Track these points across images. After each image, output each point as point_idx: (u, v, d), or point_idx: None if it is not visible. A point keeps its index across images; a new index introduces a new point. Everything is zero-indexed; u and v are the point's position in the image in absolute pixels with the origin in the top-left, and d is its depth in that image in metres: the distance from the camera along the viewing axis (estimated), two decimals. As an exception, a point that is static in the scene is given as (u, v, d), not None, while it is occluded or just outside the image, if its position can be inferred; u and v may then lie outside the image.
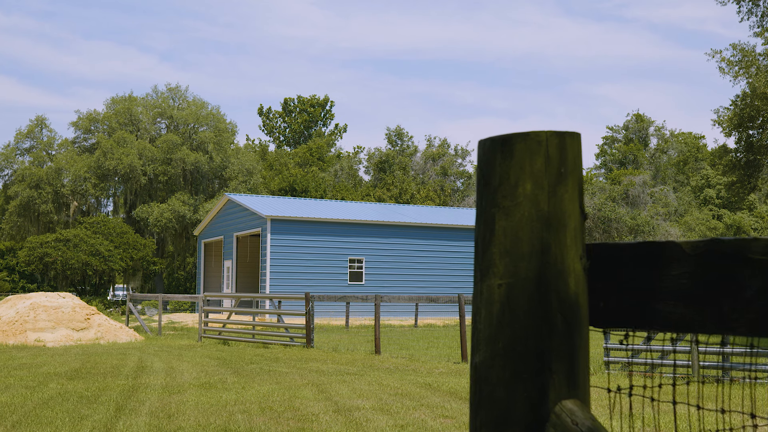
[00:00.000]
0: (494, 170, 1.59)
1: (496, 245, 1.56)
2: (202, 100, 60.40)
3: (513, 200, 1.56)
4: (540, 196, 1.55)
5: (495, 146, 1.60)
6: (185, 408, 9.72)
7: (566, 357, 1.53)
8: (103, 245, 48.09)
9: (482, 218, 1.61)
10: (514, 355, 1.53)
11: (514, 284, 1.53)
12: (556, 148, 1.56)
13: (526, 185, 1.55)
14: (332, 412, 9.35)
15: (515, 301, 1.53)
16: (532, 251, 1.53)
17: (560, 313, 1.52)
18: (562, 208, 1.55)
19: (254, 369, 14.54)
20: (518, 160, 1.56)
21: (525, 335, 1.52)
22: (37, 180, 55.31)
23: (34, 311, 23.28)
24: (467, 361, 16.41)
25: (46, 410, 9.79)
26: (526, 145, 1.56)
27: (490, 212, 1.58)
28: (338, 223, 37.83)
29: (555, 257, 1.53)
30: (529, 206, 1.54)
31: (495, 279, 1.56)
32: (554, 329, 1.52)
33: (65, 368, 14.81)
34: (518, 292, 1.53)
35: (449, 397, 10.63)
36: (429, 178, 65.09)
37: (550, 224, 1.54)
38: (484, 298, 1.58)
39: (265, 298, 22.24)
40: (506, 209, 1.56)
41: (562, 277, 1.53)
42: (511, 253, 1.54)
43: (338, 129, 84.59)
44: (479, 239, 1.61)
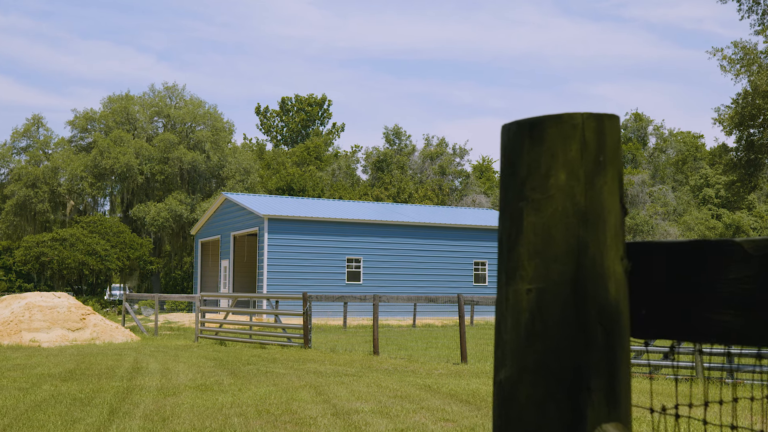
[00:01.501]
0: (522, 158, 1.39)
1: (524, 244, 1.36)
2: (199, 99, 60.18)
3: (544, 192, 1.35)
4: (575, 187, 1.34)
5: (522, 131, 1.39)
6: (180, 411, 9.52)
7: (606, 373, 1.33)
8: (99, 245, 47.85)
9: (508, 213, 1.41)
10: (546, 371, 1.32)
11: (546, 289, 1.33)
12: (594, 132, 1.36)
13: (559, 175, 1.35)
14: (330, 415, 9.15)
15: (547, 308, 1.33)
16: (566, 251, 1.33)
17: (599, 322, 1.32)
18: (601, 202, 1.35)
19: (251, 370, 14.34)
20: (550, 146, 1.36)
21: (559, 348, 1.32)
22: (34, 179, 55.06)
23: (29, 311, 23.05)
24: (467, 363, 16.21)
25: (38, 413, 9.58)
26: (559, 129, 1.36)
27: (517, 206, 1.38)
28: (336, 222, 37.62)
29: (593, 258, 1.33)
30: (562, 199, 1.34)
31: (523, 283, 1.36)
32: (593, 341, 1.32)
33: (59, 369, 14.60)
34: (551, 299, 1.33)
35: (450, 400, 10.44)
36: (427, 177, 64.89)
37: (587, 220, 1.34)
38: (510, 304, 1.38)
39: (263, 298, 22.03)
40: (536, 203, 1.36)
41: (601, 281, 1.33)
42: (542, 254, 1.34)
43: (336, 128, 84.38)
44: (504, 237, 1.41)
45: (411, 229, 39.18)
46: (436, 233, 39.73)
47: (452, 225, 40.08)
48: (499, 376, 1.39)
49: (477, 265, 40.46)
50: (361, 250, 38.05)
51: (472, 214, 45.35)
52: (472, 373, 14.14)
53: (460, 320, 16.81)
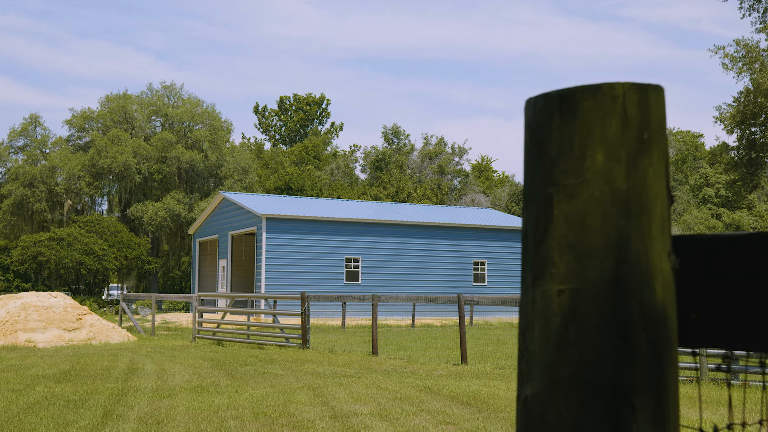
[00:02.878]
0: (551, 137, 1.19)
1: (554, 237, 1.16)
2: (197, 98, 59.93)
3: (578, 176, 1.15)
4: (616, 170, 1.14)
5: (551, 105, 1.19)
6: (175, 413, 9.31)
7: (653, 388, 1.12)
8: (97, 244, 47.61)
9: (534, 201, 1.20)
10: (581, 386, 1.12)
11: (581, 290, 1.13)
12: (636, 105, 1.16)
13: (596, 156, 1.15)
14: (329, 418, 8.95)
15: (583, 313, 1.13)
16: (605, 245, 1.13)
17: (644, 329, 1.12)
18: (645, 187, 1.15)
19: (248, 371, 14.13)
20: (585, 122, 1.16)
21: (597, 360, 1.11)
22: (31, 178, 54.81)
23: (24, 311, 22.85)
24: (467, 363, 16.01)
25: (31, 416, 9.38)
26: (596, 101, 1.16)
27: (545, 193, 1.18)
28: (334, 222, 37.40)
29: (637, 253, 1.13)
30: (600, 184, 1.14)
31: (554, 283, 1.15)
32: (637, 351, 1.12)
33: (54, 370, 14.39)
34: (587, 302, 1.13)
35: (450, 402, 10.24)
36: (426, 176, 64.67)
37: (630, 209, 1.14)
38: (537, 308, 1.17)
39: (261, 298, 21.82)
40: (569, 188, 1.16)
41: (646, 280, 1.13)
42: (576, 248, 1.14)
43: (334, 127, 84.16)
44: (529, 230, 1.21)
45: (410, 229, 38.97)
46: (436, 233, 39.52)
47: (451, 224, 39.87)
48: (524, 392, 1.19)
49: (476, 265, 40.25)
50: (360, 250, 37.84)
51: (472, 213, 45.15)
52: (472, 374, 13.94)
53: (460, 320, 16.61)
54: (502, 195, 60.89)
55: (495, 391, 11.29)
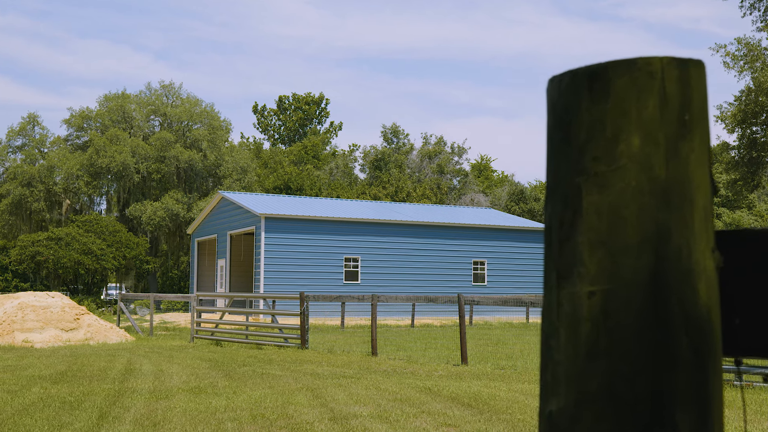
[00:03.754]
0: (579, 119, 1.06)
1: (584, 232, 1.03)
2: (196, 97, 59.75)
3: (611, 163, 1.02)
4: (654, 156, 1.02)
5: (579, 83, 1.06)
6: (172, 415, 9.18)
7: (695, 402, 0.99)
8: (95, 244, 47.45)
9: (559, 192, 1.07)
10: (615, 400, 0.99)
11: (615, 291, 1.00)
12: (677, 83, 1.03)
13: (631, 140, 1.02)
14: (328, 420, 8.81)
15: (617, 317, 1.00)
16: (642, 240, 1.00)
17: (686, 335, 0.99)
18: (687, 175, 1.02)
19: (246, 372, 14.00)
20: (619, 102, 1.03)
21: (633, 370, 0.99)
22: (29, 178, 54.63)
23: (22, 311, 22.70)
24: (467, 364, 15.87)
25: (26, 417, 9.25)
26: (632, 78, 1.03)
27: (573, 182, 1.05)
28: (333, 221, 37.26)
29: (678, 250, 1.00)
30: (636, 172, 1.01)
31: (583, 284, 1.03)
32: (678, 360, 0.99)
33: (50, 371, 14.25)
34: (621, 304, 1.00)
35: (451, 403, 10.10)
36: (425, 176, 64.53)
37: (670, 199, 1.01)
38: (564, 312, 1.04)
39: (259, 298, 21.70)
40: (600, 177, 1.03)
41: (688, 280, 1.00)
42: (608, 245, 1.01)
43: (333, 127, 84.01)
44: (553, 224, 1.08)
45: (409, 228, 38.83)
46: (435, 232, 39.38)
47: (451, 224, 39.73)
48: (548, 407, 1.06)
49: (476, 265, 40.12)
50: (359, 250, 37.70)
51: (471, 213, 45.02)
52: (473, 375, 13.81)
53: (460, 320, 16.47)
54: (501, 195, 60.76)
55: (496, 392, 11.16)
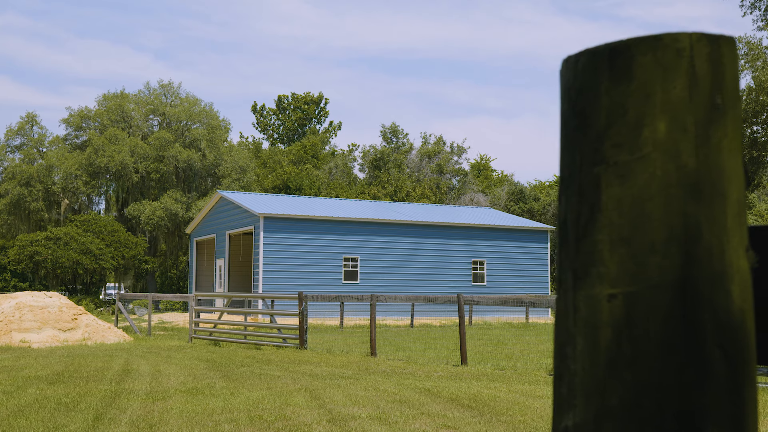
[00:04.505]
0: (598, 102, 0.95)
1: (603, 229, 0.93)
2: (195, 97, 59.60)
3: (634, 151, 0.92)
4: (682, 143, 0.91)
5: (599, 62, 0.96)
6: (168, 417, 9.07)
7: (728, 418, 0.89)
8: (94, 243, 47.33)
9: (575, 184, 0.97)
10: (639, 416, 0.89)
11: (638, 295, 0.90)
12: (707, 62, 0.92)
13: (657, 125, 0.91)
14: (326, 421, 8.71)
15: (641, 323, 0.89)
16: (669, 238, 0.90)
17: (719, 344, 0.89)
18: (719, 165, 0.92)
19: (245, 372, 13.89)
20: (643, 82, 0.92)
21: (659, 382, 0.88)
22: (28, 177, 54.49)
23: (19, 311, 22.59)
24: (467, 364, 15.77)
25: (20, 419, 9.14)
26: (657, 57, 0.92)
27: (590, 173, 0.95)
28: (332, 221, 37.15)
29: (709, 248, 0.89)
30: (662, 161, 0.91)
31: (602, 286, 0.92)
32: (709, 371, 0.88)
33: (47, 371, 14.14)
34: (646, 309, 0.89)
35: (450, 405, 10.00)
36: (424, 175, 64.41)
37: (700, 192, 0.90)
38: (581, 318, 0.94)
39: (258, 298, 21.60)
40: (622, 167, 0.92)
41: (720, 282, 0.89)
42: (631, 243, 0.91)
43: (333, 126, 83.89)
44: (569, 220, 0.98)
45: (408, 228, 38.72)
46: (434, 232, 39.27)
47: (450, 224, 39.62)
48: (563, 422, 0.95)
49: (475, 265, 40.01)
50: (358, 249, 37.59)
51: (471, 212, 44.91)
52: (472, 376, 13.71)
53: (459, 321, 16.36)
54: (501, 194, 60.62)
55: (496, 393, 11.05)
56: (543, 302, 17.86)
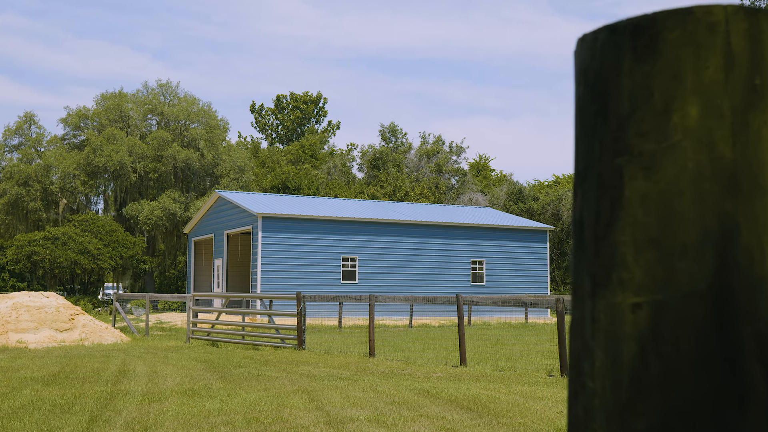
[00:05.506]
0: (620, 85, 0.84)
1: (626, 229, 0.82)
2: (194, 96, 59.42)
3: (661, 140, 0.81)
4: (717, 131, 0.80)
5: (620, 40, 0.85)
6: (164, 419, 8.96)
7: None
8: (92, 243, 47.20)
9: (593, 178, 0.86)
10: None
11: (668, 304, 0.79)
12: (745, 38, 0.81)
13: (687, 110, 0.80)
14: (324, 424, 8.60)
15: (670, 337, 0.78)
16: (702, 239, 0.78)
17: (760, 360, 0.78)
18: (759, 155, 0.80)
19: (242, 373, 13.78)
20: (671, 62, 0.81)
21: (692, 404, 0.77)
22: (26, 177, 54.33)
23: (16, 311, 22.47)
24: (466, 365, 15.66)
25: (14, 421, 9.03)
26: (688, 32, 0.81)
27: (612, 165, 0.84)
28: (331, 221, 37.03)
29: (749, 250, 0.78)
30: (694, 151, 0.80)
31: (626, 294, 0.81)
32: (749, 391, 0.77)
33: (43, 372, 14.03)
34: (676, 321, 0.78)
35: (449, 406, 9.89)
36: (423, 175, 64.29)
37: (738, 186, 0.79)
38: (601, 329, 0.83)
39: (256, 298, 21.50)
40: (648, 158, 0.81)
41: (762, 289, 0.78)
42: (659, 244, 0.80)
43: (331, 126, 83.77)
44: (585, 218, 0.87)
45: (407, 228, 38.60)
46: (433, 232, 39.16)
47: (449, 223, 39.50)
48: (580, 448, 0.84)
49: (474, 265, 39.90)
50: (357, 249, 37.47)
51: (470, 212, 44.80)
52: (472, 377, 13.60)
53: (459, 321, 16.25)
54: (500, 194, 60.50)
55: (496, 394, 10.95)
56: (542, 302, 17.75)
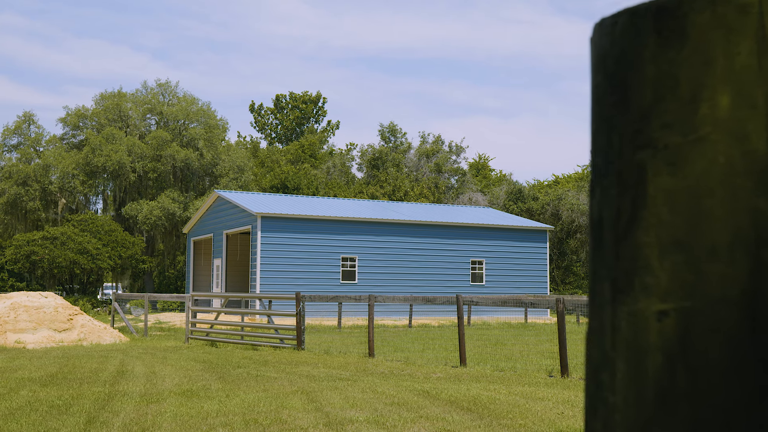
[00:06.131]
0: (641, 72, 0.77)
1: (650, 229, 0.75)
2: (193, 96, 59.36)
3: (689, 132, 0.74)
4: (750, 122, 0.73)
5: (642, 24, 0.78)
6: (162, 420, 8.89)
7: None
8: (90, 243, 47.12)
9: (612, 173, 0.79)
10: (697, 465, 0.71)
11: (697, 312, 0.72)
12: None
13: (717, 100, 0.74)
14: (323, 425, 8.53)
15: (699, 347, 0.71)
16: (735, 240, 0.72)
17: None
18: (796, 149, 0.73)
19: (241, 374, 13.71)
20: (699, 47, 0.74)
21: (724, 423, 0.70)
22: (25, 177, 54.25)
23: (14, 311, 22.40)
24: (466, 366, 15.59)
25: (11, 422, 8.97)
26: (718, 14, 0.74)
27: (633, 160, 0.77)
28: (330, 220, 36.96)
29: (785, 253, 0.72)
30: (725, 144, 0.73)
31: (650, 301, 0.74)
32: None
33: (41, 373, 13.96)
34: (706, 330, 0.72)
35: (449, 407, 9.82)
36: (423, 175, 64.22)
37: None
38: (622, 339, 0.76)
39: (255, 298, 21.43)
40: (673, 152, 0.75)
41: (799, 296, 0.71)
42: (686, 246, 0.73)
43: (331, 126, 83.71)
44: (604, 217, 0.80)
45: (407, 228, 38.53)
46: (433, 232, 39.09)
47: (449, 223, 39.43)
48: (599, 468, 0.78)
49: (474, 264, 39.83)
50: (356, 249, 37.40)
51: (469, 212, 44.73)
52: (472, 377, 13.54)
53: (459, 322, 16.19)
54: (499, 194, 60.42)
55: (496, 395, 10.88)
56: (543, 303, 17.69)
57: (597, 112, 0.82)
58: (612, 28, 0.80)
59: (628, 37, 0.78)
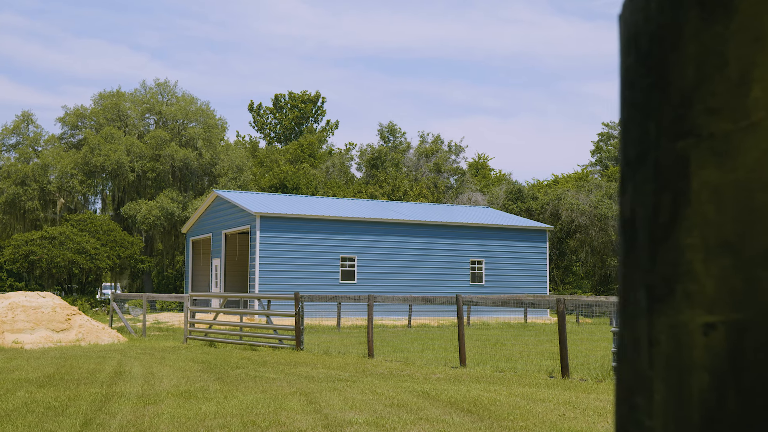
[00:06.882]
0: (682, 50, 0.68)
1: (694, 229, 0.66)
2: (192, 95, 59.26)
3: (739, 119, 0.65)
4: (810, 106, 0.64)
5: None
6: (159, 422, 8.79)
7: None
8: (89, 243, 47.02)
9: (648, 166, 0.70)
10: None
11: (750, 325, 0.63)
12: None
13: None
14: (321, 427, 8.44)
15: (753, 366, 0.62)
16: (793, 243, 0.62)
17: None
18: None
19: (239, 374, 13.61)
20: (749, 20, 0.65)
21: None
22: (23, 177, 54.13)
23: (12, 311, 22.30)
24: (466, 366, 15.50)
25: (7, 424, 8.87)
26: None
27: (673, 151, 0.68)
28: (330, 220, 36.87)
29: None
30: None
31: (695, 312, 0.65)
32: None
33: (38, 374, 13.87)
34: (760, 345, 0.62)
35: (449, 409, 9.73)
36: (422, 174, 64.12)
37: (837, 176, 0.63)
38: (661, 355, 0.67)
39: (254, 298, 21.35)
40: (721, 141, 0.65)
41: None
42: (736, 249, 0.64)
43: (330, 125, 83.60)
44: (639, 216, 0.71)
45: (406, 228, 38.44)
46: (432, 231, 38.99)
47: (448, 223, 39.34)
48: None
49: (473, 264, 39.74)
50: (356, 249, 37.30)
51: (469, 212, 44.64)
52: (471, 378, 13.45)
53: (458, 322, 16.09)
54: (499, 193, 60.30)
55: (496, 396, 10.79)
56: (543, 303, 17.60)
57: (628, 98, 0.73)
58: (646, 3, 0.71)
59: (665, 12, 0.69)
